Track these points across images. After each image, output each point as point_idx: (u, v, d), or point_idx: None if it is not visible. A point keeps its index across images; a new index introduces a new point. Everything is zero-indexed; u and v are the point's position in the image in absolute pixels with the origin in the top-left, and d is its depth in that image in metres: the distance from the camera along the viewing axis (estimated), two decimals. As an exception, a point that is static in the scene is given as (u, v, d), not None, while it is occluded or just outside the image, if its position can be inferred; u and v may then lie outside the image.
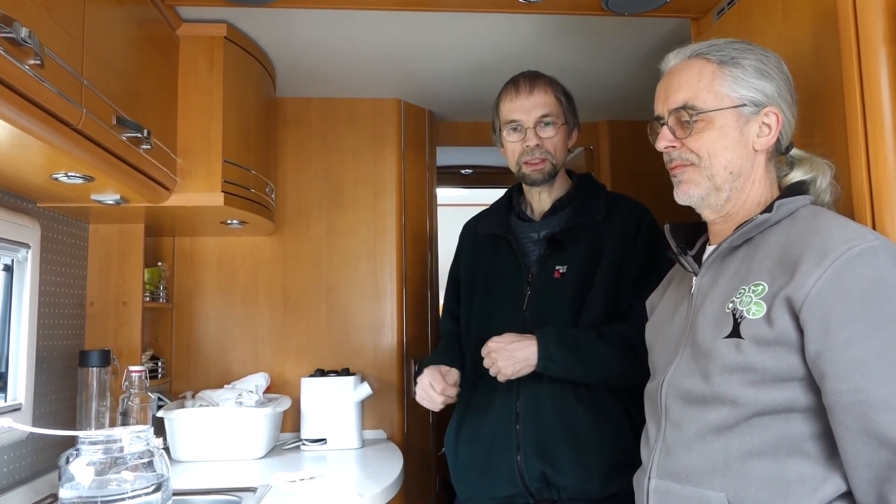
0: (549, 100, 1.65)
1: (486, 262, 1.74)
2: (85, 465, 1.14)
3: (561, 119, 1.67)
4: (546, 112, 1.64)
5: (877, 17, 1.09)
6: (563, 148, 1.68)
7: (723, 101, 1.07)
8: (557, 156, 1.67)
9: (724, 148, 1.07)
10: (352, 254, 2.45)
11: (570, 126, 1.70)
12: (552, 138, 1.65)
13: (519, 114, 1.65)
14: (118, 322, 1.96)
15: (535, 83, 1.66)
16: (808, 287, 0.93)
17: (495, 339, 1.53)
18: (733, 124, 1.07)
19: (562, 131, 1.67)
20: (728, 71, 1.08)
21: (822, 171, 1.11)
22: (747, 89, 1.07)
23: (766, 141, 1.08)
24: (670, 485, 1.06)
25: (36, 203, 1.67)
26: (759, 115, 1.08)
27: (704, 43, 1.12)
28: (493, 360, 1.51)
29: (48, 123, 1.11)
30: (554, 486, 1.53)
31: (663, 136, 1.11)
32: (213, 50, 1.84)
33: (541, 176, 1.66)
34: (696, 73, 1.09)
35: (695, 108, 1.08)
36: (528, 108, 1.64)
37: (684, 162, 1.10)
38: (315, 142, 2.47)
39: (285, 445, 2.20)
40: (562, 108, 1.67)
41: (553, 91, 1.67)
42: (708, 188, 1.09)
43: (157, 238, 2.34)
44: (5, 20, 0.95)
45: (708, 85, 1.08)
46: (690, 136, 1.08)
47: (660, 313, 1.26)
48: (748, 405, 0.98)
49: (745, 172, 1.09)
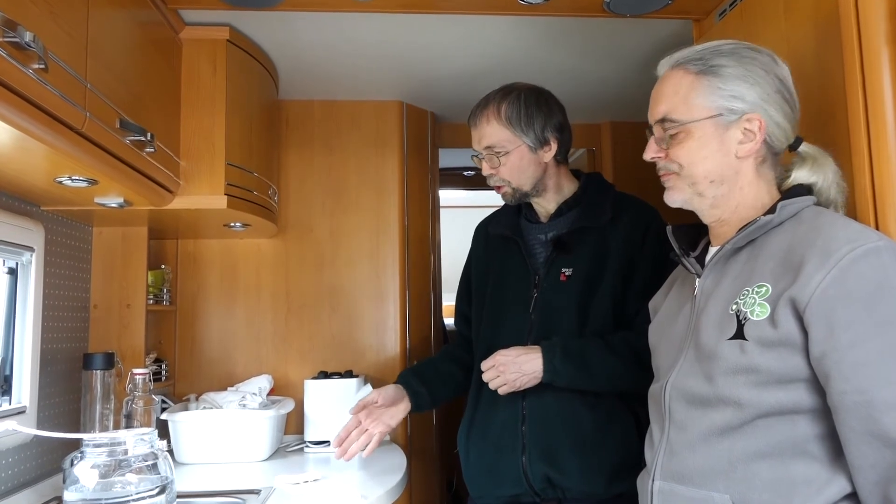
0: (492, 130, 1.63)
1: (496, 264, 1.75)
2: (89, 468, 1.14)
3: (511, 145, 1.62)
4: (489, 144, 1.64)
5: (879, 18, 1.08)
6: (522, 169, 1.64)
7: (699, 113, 1.08)
8: (515, 179, 1.65)
9: (704, 158, 1.08)
10: (354, 256, 2.45)
11: (531, 146, 1.63)
12: (502, 167, 1.64)
13: (473, 143, 1.69)
14: (122, 325, 1.96)
15: (481, 114, 1.65)
16: (811, 288, 0.93)
17: (503, 352, 1.54)
18: (711, 134, 1.08)
19: (512, 157, 1.63)
20: (706, 81, 1.08)
21: (825, 172, 1.10)
22: (725, 98, 1.07)
23: (750, 147, 1.08)
24: (674, 486, 1.06)
25: (39, 206, 1.67)
26: (739, 123, 1.07)
27: (689, 51, 1.13)
28: (498, 373, 1.53)
29: (52, 127, 1.11)
30: (558, 486, 1.54)
31: (649, 147, 1.15)
32: (215, 53, 1.85)
33: (508, 198, 1.69)
34: (674, 84, 1.11)
35: (673, 120, 1.10)
36: (476, 140, 1.68)
37: (668, 171, 1.13)
38: (317, 144, 2.47)
39: (289, 448, 2.20)
40: (511, 132, 1.62)
41: (498, 119, 1.63)
42: (690, 194, 1.12)
43: (161, 241, 2.35)
44: (9, 24, 0.95)
45: (684, 97, 1.09)
46: (671, 148, 1.11)
47: (663, 315, 1.26)
48: (752, 407, 0.98)
49: (728, 180, 1.09)
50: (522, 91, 1.67)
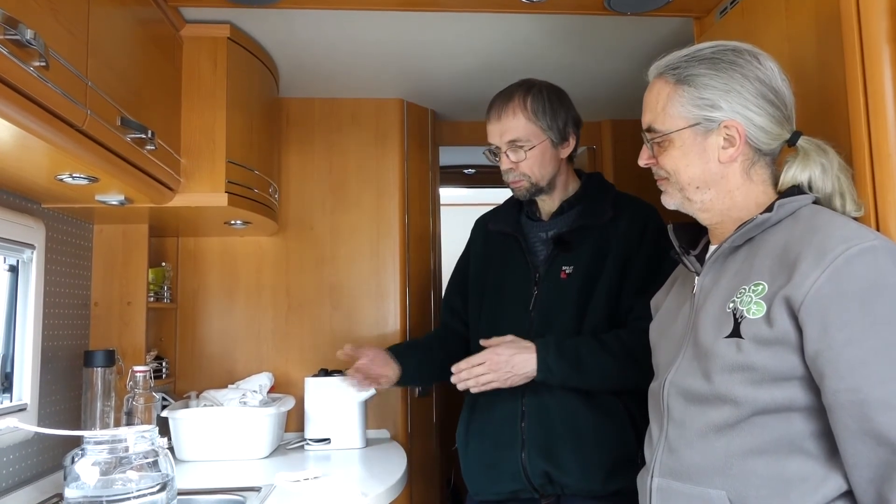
0: (519, 123, 1.62)
1: (496, 260, 1.75)
2: (90, 465, 1.14)
3: (536, 140, 1.63)
4: (514, 137, 1.63)
5: (880, 16, 1.08)
6: (544, 164, 1.65)
7: (677, 123, 1.10)
8: (536, 174, 1.65)
9: (686, 165, 1.10)
10: (355, 253, 2.45)
11: (554, 140, 1.65)
12: (523, 161, 1.64)
13: (492, 137, 1.67)
14: (122, 322, 1.97)
15: (505, 107, 1.64)
16: (806, 287, 0.93)
17: (497, 351, 1.51)
18: (691, 142, 1.09)
19: (536, 152, 1.63)
20: (682, 91, 1.09)
21: (812, 169, 1.07)
22: (700, 107, 1.08)
23: (732, 153, 1.08)
24: (672, 483, 1.06)
25: (40, 204, 1.67)
26: (719, 130, 1.08)
27: (671, 57, 1.14)
28: (488, 370, 1.50)
29: (53, 125, 1.11)
30: (557, 483, 1.55)
31: (642, 154, 1.18)
32: (216, 51, 1.85)
33: (523, 193, 1.68)
34: (655, 94, 1.14)
35: (656, 130, 1.13)
36: (496, 133, 1.65)
37: (660, 176, 1.16)
38: (318, 142, 2.47)
39: (289, 445, 2.20)
40: (537, 126, 1.63)
41: (525, 112, 1.63)
42: (680, 199, 1.14)
43: (161, 238, 2.35)
44: (10, 22, 0.95)
45: (664, 108, 1.11)
46: (659, 155, 1.14)
47: (663, 313, 1.26)
48: (748, 404, 0.98)
49: (714, 185, 1.10)
50: (543, 86, 1.68)
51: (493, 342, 1.53)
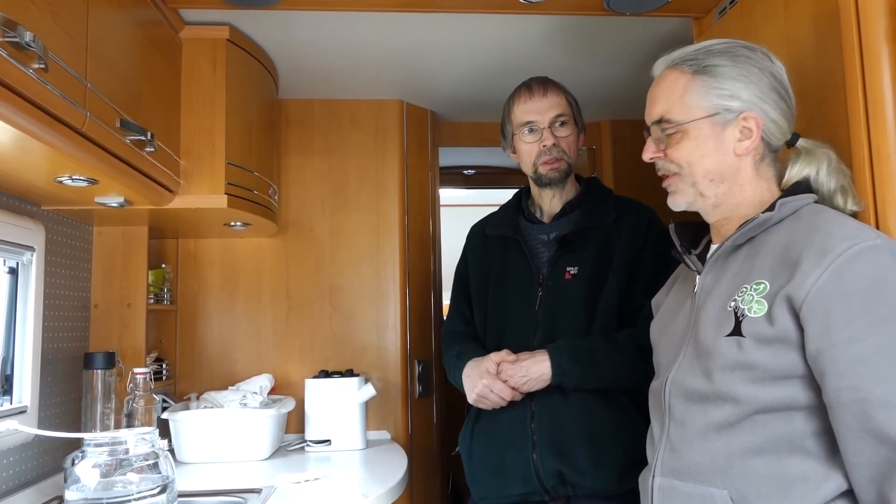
0: (562, 101, 1.70)
1: (496, 264, 1.75)
2: (90, 467, 1.14)
3: (573, 120, 1.72)
4: (560, 112, 1.69)
5: (879, 15, 1.09)
6: (576, 148, 1.73)
7: (695, 113, 1.09)
8: (571, 155, 1.71)
9: (702, 157, 1.09)
10: (355, 255, 2.45)
11: (578, 129, 1.74)
12: (567, 137, 1.69)
13: (534, 115, 1.68)
14: (122, 324, 1.97)
15: (548, 85, 1.71)
16: (808, 286, 0.94)
17: (506, 362, 1.55)
18: (708, 133, 1.08)
19: (574, 132, 1.72)
20: (701, 80, 1.09)
21: (819, 163, 1.09)
22: (720, 97, 1.08)
23: (748, 145, 1.08)
24: (674, 482, 1.06)
25: (40, 206, 1.67)
26: (736, 121, 1.08)
27: (683, 51, 1.13)
28: (506, 378, 1.54)
29: (52, 127, 1.11)
30: (569, 483, 1.54)
31: (647, 148, 1.16)
32: (215, 52, 1.85)
33: (557, 175, 1.69)
34: (669, 85, 1.12)
35: (669, 120, 1.11)
36: (542, 109, 1.68)
37: (668, 172, 1.14)
38: (317, 143, 2.47)
39: (290, 447, 2.20)
40: (572, 109, 1.72)
41: (564, 94, 1.72)
42: (693, 195, 1.12)
43: (161, 240, 2.35)
44: (9, 24, 0.95)
45: (680, 97, 1.10)
46: (669, 148, 1.12)
47: (664, 312, 1.26)
48: (749, 403, 0.98)
49: (728, 178, 1.10)
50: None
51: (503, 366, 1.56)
